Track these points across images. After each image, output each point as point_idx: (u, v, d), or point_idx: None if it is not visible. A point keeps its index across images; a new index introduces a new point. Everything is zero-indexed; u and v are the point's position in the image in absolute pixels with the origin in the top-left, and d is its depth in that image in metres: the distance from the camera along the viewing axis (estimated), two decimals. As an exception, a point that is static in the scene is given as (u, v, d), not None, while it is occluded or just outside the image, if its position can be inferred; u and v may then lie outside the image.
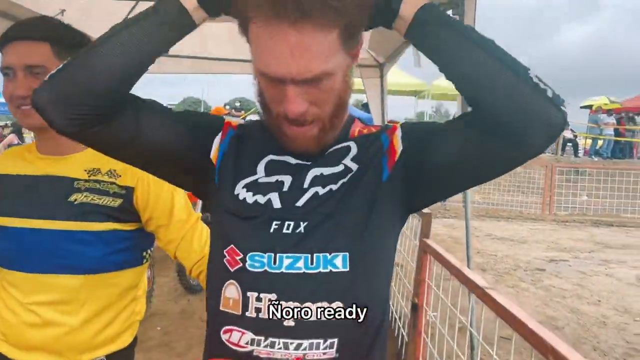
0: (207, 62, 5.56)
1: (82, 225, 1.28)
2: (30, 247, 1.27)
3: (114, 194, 1.32)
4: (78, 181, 1.31)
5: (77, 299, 1.30)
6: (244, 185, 0.96)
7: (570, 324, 4.59)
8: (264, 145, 1.00)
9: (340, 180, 0.94)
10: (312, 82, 0.84)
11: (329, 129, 0.93)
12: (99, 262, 1.31)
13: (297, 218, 0.91)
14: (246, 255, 0.90)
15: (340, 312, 0.88)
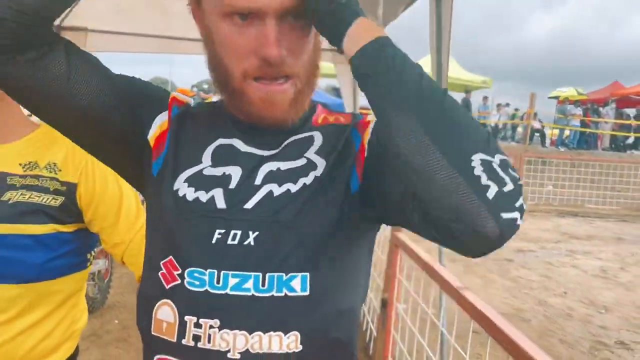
0: (172, 41, 5.32)
1: (19, 229, 1.11)
2: None
3: (54, 191, 1.16)
4: (12, 177, 1.14)
5: (13, 310, 1.13)
6: (185, 179, 0.79)
7: (537, 316, 4.60)
8: (213, 127, 0.83)
9: (301, 178, 0.77)
10: (293, 20, 0.73)
11: (305, 92, 0.79)
12: (39, 270, 1.14)
13: (245, 226, 0.74)
14: (185, 270, 0.73)
15: (297, 344, 0.72)
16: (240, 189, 0.77)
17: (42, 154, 1.18)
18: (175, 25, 4.96)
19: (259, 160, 0.79)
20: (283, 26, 0.72)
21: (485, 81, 20.39)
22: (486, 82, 20.37)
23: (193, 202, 0.76)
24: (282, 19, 0.72)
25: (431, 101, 0.65)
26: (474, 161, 0.61)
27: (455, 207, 0.62)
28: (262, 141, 0.81)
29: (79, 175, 1.19)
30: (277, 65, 0.72)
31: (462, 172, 0.61)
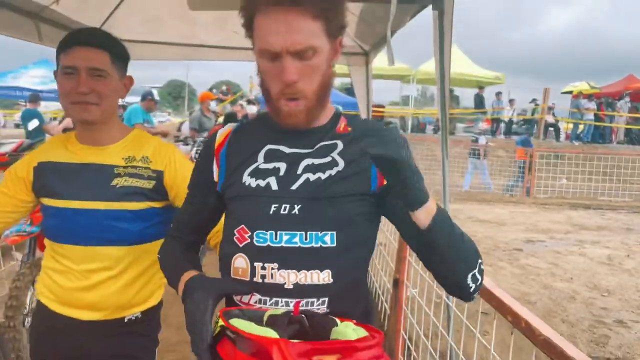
0: (196, 48, 5.71)
1: (124, 205, 1.52)
2: (79, 224, 1.51)
3: (148, 177, 1.56)
4: (118, 167, 1.54)
5: (121, 266, 1.56)
6: (248, 173, 1.13)
7: (542, 299, 4.90)
8: (262, 137, 1.17)
9: (328, 170, 1.11)
10: (302, 56, 1.03)
11: (315, 106, 1.10)
12: (139, 235, 1.56)
13: (292, 201, 1.08)
14: (253, 232, 1.09)
15: (329, 278, 1.07)
16: (287, 176, 1.11)
17: (137, 150, 1.58)
18: (199, 34, 5.36)
19: (299, 157, 1.13)
20: (297, 62, 1.03)
21: (498, 77, 20.54)
22: (499, 78, 20.52)
23: (255, 187, 1.11)
24: (295, 57, 1.03)
25: (465, 248, 1.07)
26: (468, 278, 1.05)
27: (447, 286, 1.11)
28: (300, 144, 1.14)
29: (165, 165, 1.58)
30: (293, 87, 1.04)
31: (460, 281, 1.06)
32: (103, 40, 1.50)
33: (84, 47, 1.46)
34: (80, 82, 1.45)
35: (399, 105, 26.12)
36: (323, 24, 1.03)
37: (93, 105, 1.47)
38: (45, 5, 4.04)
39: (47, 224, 1.59)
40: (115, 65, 1.50)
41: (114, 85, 1.51)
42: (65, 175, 1.54)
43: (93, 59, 1.46)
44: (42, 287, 1.64)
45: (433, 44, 3.20)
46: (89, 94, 1.46)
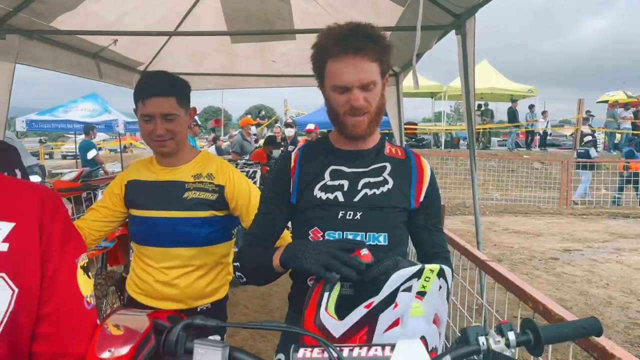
0: (237, 78, 6.14)
1: (193, 214, 1.88)
2: (159, 230, 1.87)
3: (212, 190, 1.91)
4: (188, 183, 1.90)
5: (192, 264, 1.91)
6: (319, 188, 1.44)
7: (578, 304, 5.02)
8: (326, 159, 1.49)
9: (381, 187, 1.43)
10: (366, 88, 1.35)
11: (374, 121, 1.41)
12: (205, 239, 1.90)
13: (354, 210, 1.40)
14: (325, 232, 1.40)
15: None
16: (349, 191, 1.42)
17: (202, 168, 1.94)
18: (239, 64, 5.79)
19: (357, 176, 1.44)
20: (363, 93, 1.36)
21: (531, 90, 20.50)
22: (532, 91, 20.49)
23: (325, 199, 1.42)
24: (361, 89, 1.35)
25: None
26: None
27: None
28: (357, 165, 1.46)
29: (225, 180, 1.93)
30: (360, 109, 1.37)
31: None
32: (169, 88, 1.83)
33: (156, 98, 1.79)
34: (156, 127, 1.80)
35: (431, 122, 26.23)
36: (378, 65, 1.36)
37: (168, 141, 1.84)
38: (104, 46, 4.55)
39: (134, 230, 1.96)
40: (181, 105, 1.84)
41: (182, 121, 1.86)
42: (148, 190, 1.91)
43: (164, 106, 1.79)
44: (132, 283, 2.01)
45: (458, 66, 3.50)
46: (165, 134, 1.82)
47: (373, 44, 1.33)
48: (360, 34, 1.33)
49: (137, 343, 0.88)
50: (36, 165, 8.83)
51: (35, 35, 3.50)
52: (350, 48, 1.32)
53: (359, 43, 1.32)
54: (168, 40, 5.12)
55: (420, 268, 1.06)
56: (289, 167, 1.51)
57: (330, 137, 1.53)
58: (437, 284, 1.09)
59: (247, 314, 4.58)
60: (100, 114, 13.99)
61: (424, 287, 1.07)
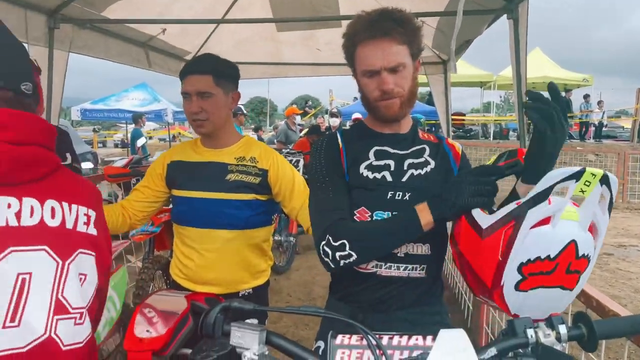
0: (282, 66, 6.15)
1: (235, 196, 1.87)
2: (200, 211, 1.88)
3: (255, 174, 1.90)
4: (231, 165, 1.90)
5: (232, 247, 1.91)
6: (365, 167, 1.43)
7: (633, 302, 4.79)
8: (366, 140, 1.48)
9: (424, 167, 1.43)
10: (395, 70, 1.34)
11: (406, 103, 1.40)
12: (246, 222, 1.89)
13: (403, 190, 1.38)
14: (373, 212, 1.37)
15: (428, 250, 1.38)
16: (397, 171, 1.41)
17: (246, 152, 1.94)
18: (284, 53, 5.79)
19: (401, 157, 1.44)
20: (392, 75, 1.35)
21: (586, 79, 19.67)
22: (587, 80, 19.65)
23: (372, 179, 1.40)
24: (390, 72, 1.34)
25: None
26: None
27: None
28: (398, 147, 1.45)
29: (269, 165, 1.92)
30: (389, 93, 1.36)
31: None
32: (207, 65, 1.85)
33: (193, 75, 1.84)
34: (192, 104, 1.84)
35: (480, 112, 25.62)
36: (407, 47, 1.36)
37: (205, 121, 1.85)
38: (153, 35, 4.64)
39: (175, 211, 1.98)
40: (219, 84, 1.84)
41: (218, 101, 1.86)
42: (190, 171, 1.93)
43: (199, 84, 1.82)
44: (174, 267, 2.03)
45: (510, 53, 3.37)
46: (200, 113, 1.84)
47: (400, 27, 1.33)
48: (387, 18, 1.33)
49: (175, 324, 0.88)
50: (89, 153, 9.18)
51: (87, 25, 3.59)
52: (377, 32, 1.32)
53: (386, 26, 1.32)
54: (215, 29, 5.17)
55: (580, 170, 0.97)
56: (338, 146, 1.49)
57: (366, 122, 1.52)
58: (598, 191, 0.98)
59: (290, 301, 4.61)
60: (150, 103, 14.39)
61: (583, 191, 0.98)
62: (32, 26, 3.06)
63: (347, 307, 1.42)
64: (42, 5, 3.11)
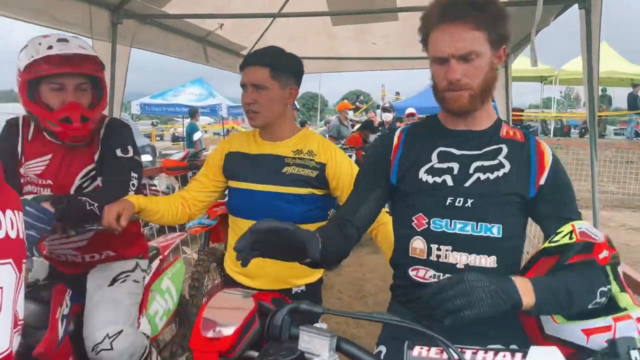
0: (337, 61, 6.10)
1: (291, 190, 1.84)
2: (255, 203, 1.86)
3: (312, 167, 1.86)
4: (288, 158, 1.87)
5: None
6: (424, 171, 1.34)
7: None
8: (434, 139, 1.38)
9: (495, 172, 1.29)
10: (466, 58, 1.23)
11: (477, 96, 1.27)
12: (301, 217, 1.84)
13: (465, 196, 1.27)
14: (430, 219, 1.29)
15: (494, 262, 1.26)
16: (460, 175, 1.30)
17: (304, 145, 1.90)
18: (339, 47, 5.74)
19: (469, 159, 1.32)
20: (462, 64, 1.24)
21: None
22: (658, 75, 18.54)
23: (432, 183, 1.31)
24: (460, 60, 1.24)
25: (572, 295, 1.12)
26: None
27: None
28: (468, 147, 1.33)
29: (327, 158, 1.87)
30: (457, 83, 1.25)
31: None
32: (266, 58, 1.83)
33: (251, 67, 1.83)
34: (246, 95, 1.82)
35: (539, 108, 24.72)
36: (485, 33, 1.23)
37: (256, 114, 1.84)
38: (210, 30, 4.69)
39: (231, 202, 1.97)
40: (275, 77, 1.81)
41: (272, 94, 1.83)
42: (247, 162, 1.91)
43: (254, 75, 1.81)
44: (228, 260, 2.03)
45: (580, 44, 3.17)
46: (252, 104, 1.82)
47: (477, 11, 1.21)
48: (463, 1, 1.23)
49: (242, 325, 0.85)
50: (148, 146, 9.45)
51: (148, 20, 3.66)
52: (448, 15, 1.23)
53: (459, 10, 1.22)
54: (271, 24, 5.18)
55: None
56: (390, 146, 1.42)
57: (439, 117, 1.42)
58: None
59: (341, 298, 4.57)
60: (205, 98, 14.69)
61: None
62: (96, 22, 3.13)
63: (410, 313, 1.34)
64: (106, 1, 3.18)
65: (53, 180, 1.89)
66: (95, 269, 2.06)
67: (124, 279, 2.05)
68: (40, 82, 1.78)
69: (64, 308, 1.83)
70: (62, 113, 1.77)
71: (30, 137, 1.92)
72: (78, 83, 1.81)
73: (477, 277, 1.03)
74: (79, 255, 2.02)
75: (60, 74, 1.75)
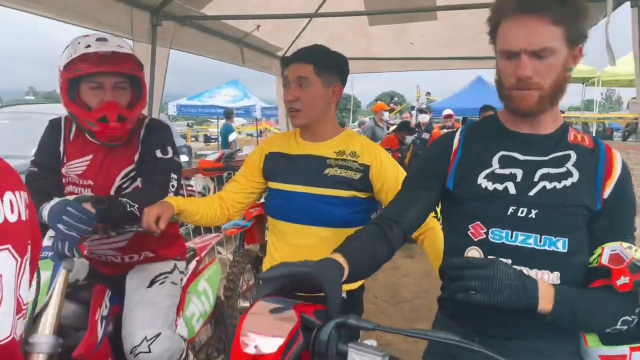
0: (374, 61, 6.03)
1: (333, 192, 1.78)
2: (295, 205, 1.81)
3: (355, 169, 1.79)
4: (330, 159, 1.81)
5: (326, 246, 1.78)
6: (484, 176, 1.24)
7: None
8: (495, 142, 1.27)
9: (563, 181, 1.18)
10: (538, 56, 1.13)
11: (547, 98, 1.17)
12: (342, 220, 1.79)
13: (529, 205, 1.17)
14: (489, 229, 1.19)
15: (557, 279, 1.16)
16: (524, 183, 1.20)
17: (346, 146, 1.84)
18: (375, 48, 5.67)
19: (534, 165, 1.21)
20: (533, 61, 1.13)
21: None
22: None
23: (492, 190, 1.21)
24: (532, 56, 1.13)
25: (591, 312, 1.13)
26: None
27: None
28: (533, 152, 1.23)
29: (372, 160, 1.80)
30: (526, 82, 1.14)
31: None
32: (310, 55, 1.78)
33: (295, 63, 1.78)
34: (289, 91, 1.78)
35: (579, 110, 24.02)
36: (563, 29, 1.13)
37: (299, 111, 1.78)
38: (247, 32, 4.69)
39: (270, 204, 1.92)
40: (319, 74, 1.76)
41: (316, 92, 1.77)
42: (287, 163, 1.86)
43: (298, 71, 1.76)
44: (267, 262, 1.97)
45: (632, 43, 3.04)
46: (295, 102, 1.77)
47: (557, 5, 1.11)
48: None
49: (287, 341, 0.80)
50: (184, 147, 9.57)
51: (187, 22, 3.68)
52: (526, 6, 1.13)
53: (538, 2, 1.12)
54: (307, 24, 5.16)
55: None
56: (450, 148, 1.33)
57: (500, 117, 1.32)
58: None
59: (376, 303, 4.50)
60: (240, 99, 14.81)
61: None
62: (137, 23, 3.17)
63: (459, 328, 1.25)
64: (146, 3, 3.21)
65: (94, 180, 1.90)
66: (134, 270, 2.06)
67: (162, 280, 2.04)
68: (80, 82, 1.79)
69: (103, 309, 1.83)
70: (99, 112, 1.76)
71: (72, 137, 1.93)
72: (116, 82, 1.80)
73: (505, 268, 1.06)
74: (119, 255, 2.03)
75: (98, 72, 1.76)
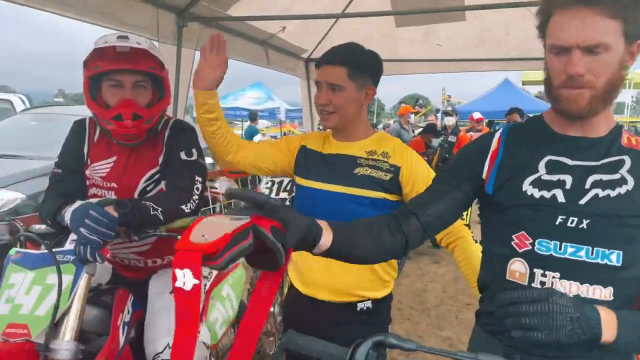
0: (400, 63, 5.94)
1: (362, 192, 1.72)
2: (323, 204, 1.75)
3: (386, 170, 1.73)
4: (360, 159, 1.76)
5: None
6: (530, 182, 1.15)
7: None
8: (541, 146, 1.19)
9: (617, 188, 1.09)
10: (592, 52, 1.04)
11: (599, 98, 1.08)
12: None
13: (580, 215, 1.09)
14: (535, 240, 1.12)
15: (610, 295, 1.08)
16: (574, 190, 1.11)
17: (378, 146, 1.78)
18: (401, 49, 5.58)
19: (585, 171, 1.12)
20: (586, 57, 1.05)
21: None
22: None
23: (539, 198, 1.13)
24: (585, 52, 1.05)
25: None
26: None
27: None
28: (583, 157, 1.14)
29: (403, 162, 1.74)
30: (578, 79, 1.06)
31: None
32: (343, 57, 1.71)
33: (327, 65, 1.72)
34: (321, 95, 1.73)
35: (609, 113, 23.49)
36: (620, 24, 1.04)
37: (331, 114, 1.73)
38: (272, 33, 4.66)
39: (299, 204, 1.86)
40: (352, 78, 1.70)
41: (349, 96, 1.71)
42: (318, 161, 1.82)
43: (330, 75, 1.70)
44: (291, 269, 1.92)
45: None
46: (327, 105, 1.72)
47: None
48: None
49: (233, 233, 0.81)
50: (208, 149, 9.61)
51: (212, 23, 3.66)
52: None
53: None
54: (333, 25, 5.10)
55: None
56: (488, 148, 1.24)
57: (546, 118, 1.23)
58: None
59: (402, 309, 4.41)
60: (264, 101, 14.87)
61: None
62: (163, 25, 3.16)
63: (500, 345, 1.17)
64: (172, 4, 3.20)
65: (117, 182, 1.87)
66: (157, 275, 2.02)
67: None
68: (101, 81, 1.77)
69: (126, 314, 1.79)
70: (115, 110, 1.74)
71: (96, 139, 1.90)
72: (136, 80, 1.78)
73: (564, 300, 0.97)
74: (142, 260, 1.99)
75: (117, 70, 1.73)
